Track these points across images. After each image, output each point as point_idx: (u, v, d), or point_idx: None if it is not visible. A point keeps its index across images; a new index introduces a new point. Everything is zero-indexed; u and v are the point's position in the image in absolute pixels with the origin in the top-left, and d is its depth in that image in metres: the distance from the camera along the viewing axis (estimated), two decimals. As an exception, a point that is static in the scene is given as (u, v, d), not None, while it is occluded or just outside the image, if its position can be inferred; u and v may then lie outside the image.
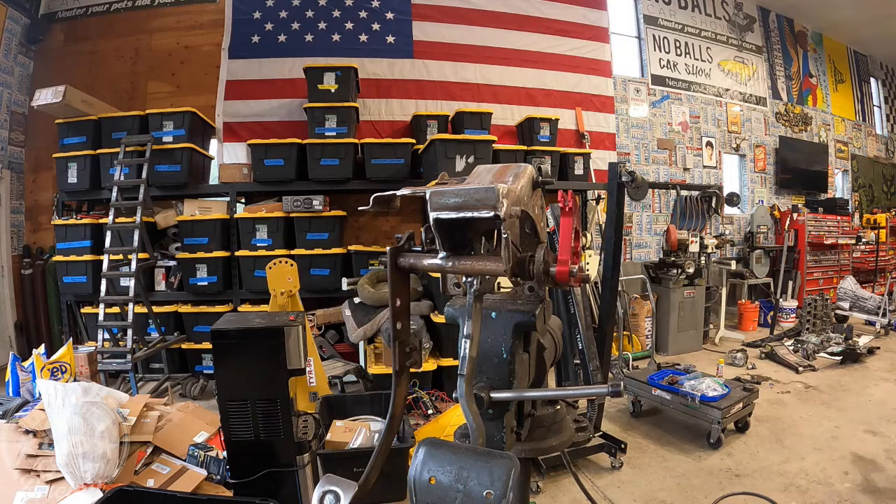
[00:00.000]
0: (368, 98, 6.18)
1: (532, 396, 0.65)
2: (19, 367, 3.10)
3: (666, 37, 7.91)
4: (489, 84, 6.57)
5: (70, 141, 5.28)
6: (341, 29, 6.27)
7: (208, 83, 6.02)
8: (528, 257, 0.57)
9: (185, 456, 2.55)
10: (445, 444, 0.57)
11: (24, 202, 6.05)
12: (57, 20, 6.23)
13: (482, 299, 0.61)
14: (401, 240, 0.62)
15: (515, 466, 0.52)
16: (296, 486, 2.33)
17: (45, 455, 2.30)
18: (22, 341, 5.69)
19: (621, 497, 2.96)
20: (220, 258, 5.12)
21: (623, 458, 3.34)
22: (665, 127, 7.85)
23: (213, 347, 2.26)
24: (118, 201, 4.69)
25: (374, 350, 4.57)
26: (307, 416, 2.68)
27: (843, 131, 10.27)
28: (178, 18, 6.28)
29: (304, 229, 5.22)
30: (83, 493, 2.12)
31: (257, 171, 5.28)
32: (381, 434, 0.62)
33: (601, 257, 3.70)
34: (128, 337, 4.35)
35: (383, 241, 5.93)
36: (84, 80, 5.66)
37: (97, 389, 2.41)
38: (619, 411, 4.24)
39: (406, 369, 0.62)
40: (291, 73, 5.97)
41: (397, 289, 0.60)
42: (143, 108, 5.51)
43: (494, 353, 0.63)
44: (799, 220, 8.18)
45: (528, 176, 0.60)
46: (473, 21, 6.60)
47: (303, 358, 2.36)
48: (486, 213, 0.52)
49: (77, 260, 5.08)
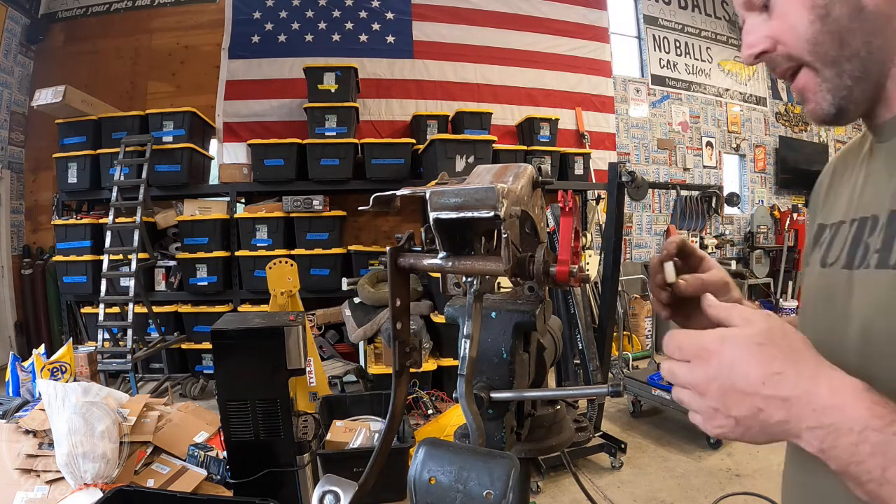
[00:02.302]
0: (368, 98, 6.17)
1: (532, 396, 0.65)
2: (19, 367, 3.10)
3: (666, 37, 7.91)
4: (489, 84, 6.56)
5: (70, 141, 5.28)
6: (341, 29, 6.27)
7: (208, 83, 6.02)
8: (528, 257, 0.57)
9: (185, 456, 2.55)
10: (445, 444, 0.57)
11: (24, 202, 6.05)
12: (57, 20, 6.23)
13: (482, 299, 0.61)
14: (401, 240, 0.62)
15: (515, 466, 0.52)
16: (296, 486, 2.33)
17: (45, 455, 2.30)
18: (22, 341, 5.69)
19: (621, 497, 2.96)
20: (220, 258, 5.13)
21: (623, 458, 3.34)
22: (665, 127, 7.85)
23: (213, 347, 2.26)
24: (118, 201, 4.69)
25: (374, 350, 4.57)
26: (307, 416, 2.68)
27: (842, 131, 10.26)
28: (178, 18, 6.28)
29: (304, 229, 5.22)
30: (83, 493, 2.12)
31: (257, 171, 5.28)
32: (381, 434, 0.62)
33: (601, 257, 3.70)
34: (128, 337, 4.35)
35: (383, 241, 5.93)
36: (84, 80, 5.66)
37: (97, 389, 2.41)
38: (619, 411, 4.24)
39: (406, 369, 0.62)
40: (291, 73, 5.96)
41: (397, 289, 0.60)
42: (143, 108, 5.51)
43: (494, 353, 0.63)
44: (799, 220, 8.17)
45: (528, 176, 0.60)
46: (473, 21, 6.60)
47: (303, 358, 2.36)
48: (486, 213, 0.52)
49: (77, 260, 5.08)
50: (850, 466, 0.48)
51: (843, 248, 0.69)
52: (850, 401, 0.49)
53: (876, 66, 0.62)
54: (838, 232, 0.72)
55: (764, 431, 0.52)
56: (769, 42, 0.67)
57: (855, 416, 0.48)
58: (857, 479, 0.48)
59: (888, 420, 0.47)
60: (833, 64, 0.62)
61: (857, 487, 0.49)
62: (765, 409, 0.51)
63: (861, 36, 0.61)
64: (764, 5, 0.67)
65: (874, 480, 0.47)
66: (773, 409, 0.51)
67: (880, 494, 0.47)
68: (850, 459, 0.48)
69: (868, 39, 0.61)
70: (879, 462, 0.47)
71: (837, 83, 0.63)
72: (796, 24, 0.63)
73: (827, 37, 0.61)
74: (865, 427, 0.47)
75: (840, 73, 0.63)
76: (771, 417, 0.51)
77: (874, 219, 0.65)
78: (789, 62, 0.66)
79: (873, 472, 0.47)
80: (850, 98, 0.64)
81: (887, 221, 0.62)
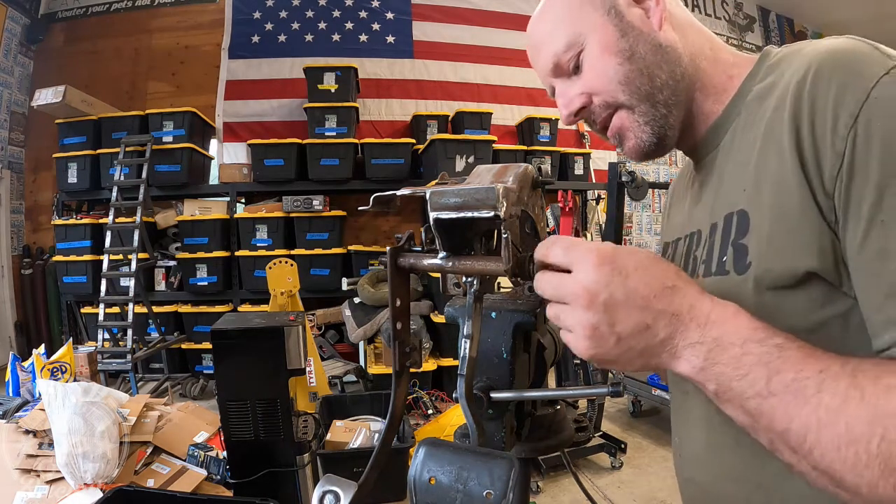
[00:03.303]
0: (368, 98, 6.17)
1: (532, 396, 0.65)
2: (19, 367, 3.10)
3: (666, 37, 7.90)
4: (489, 84, 6.56)
5: (70, 141, 5.28)
6: (341, 29, 6.27)
7: (208, 83, 6.02)
8: (528, 257, 0.57)
9: (185, 456, 2.54)
10: (445, 444, 0.57)
11: (24, 202, 6.05)
12: (57, 20, 6.23)
13: (482, 299, 0.61)
14: (401, 240, 0.62)
15: (515, 466, 0.52)
16: (296, 486, 2.33)
17: (45, 455, 2.30)
18: (22, 341, 5.69)
19: (621, 497, 2.96)
20: (220, 258, 5.12)
21: (623, 458, 3.35)
22: (665, 127, 7.84)
23: (213, 347, 2.26)
24: (118, 201, 4.69)
25: (374, 350, 4.57)
26: (307, 416, 2.68)
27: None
28: (178, 18, 6.28)
29: (304, 229, 5.22)
30: (83, 493, 2.12)
31: (257, 171, 5.28)
32: (381, 434, 0.62)
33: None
34: (128, 337, 4.35)
35: (383, 241, 5.93)
36: (84, 80, 5.65)
37: (97, 389, 2.40)
38: (619, 411, 4.24)
39: (406, 369, 0.62)
40: (291, 73, 5.96)
41: (397, 289, 0.60)
42: (143, 108, 5.50)
43: (494, 353, 0.63)
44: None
45: (528, 176, 0.60)
46: (473, 21, 6.60)
47: (303, 358, 2.36)
48: (487, 213, 0.52)
49: (77, 260, 5.07)
50: (732, 382, 0.48)
51: (680, 262, 0.75)
52: (731, 316, 0.50)
53: (684, 91, 0.69)
54: (676, 248, 0.79)
55: (643, 353, 0.51)
56: (584, 97, 0.71)
57: (737, 330, 0.49)
58: (741, 395, 0.48)
59: (768, 333, 0.48)
60: (647, 97, 0.68)
61: (737, 408, 0.49)
62: (652, 325, 0.50)
63: (666, 67, 0.68)
64: (575, 66, 0.70)
65: (759, 394, 0.47)
66: (661, 324, 0.50)
67: (762, 409, 0.47)
68: (734, 374, 0.48)
69: (672, 69, 0.68)
70: (763, 373, 0.47)
71: (654, 113, 0.68)
72: (606, 70, 0.68)
73: (637, 74, 0.67)
74: (747, 339, 0.48)
75: (654, 103, 0.68)
76: (657, 335, 0.50)
77: (698, 233, 0.72)
78: (607, 109, 0.70)
79: (757, 384, 0.47)
80: (667, 124, 0.69)
81: (708, 234, 0.68)
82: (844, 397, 0.44)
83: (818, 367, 0.46)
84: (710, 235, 0.67)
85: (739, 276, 0.59)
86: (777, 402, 0.46)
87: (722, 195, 0.66)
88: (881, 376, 0.45)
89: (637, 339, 0.50)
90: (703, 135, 0.72)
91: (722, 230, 0.64)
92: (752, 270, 0.58)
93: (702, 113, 0.71)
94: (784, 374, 0.46)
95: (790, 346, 0.48)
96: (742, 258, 0.59)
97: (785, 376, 0.46)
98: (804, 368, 0.46)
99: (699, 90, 0.70)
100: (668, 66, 0.68)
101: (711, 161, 0.71)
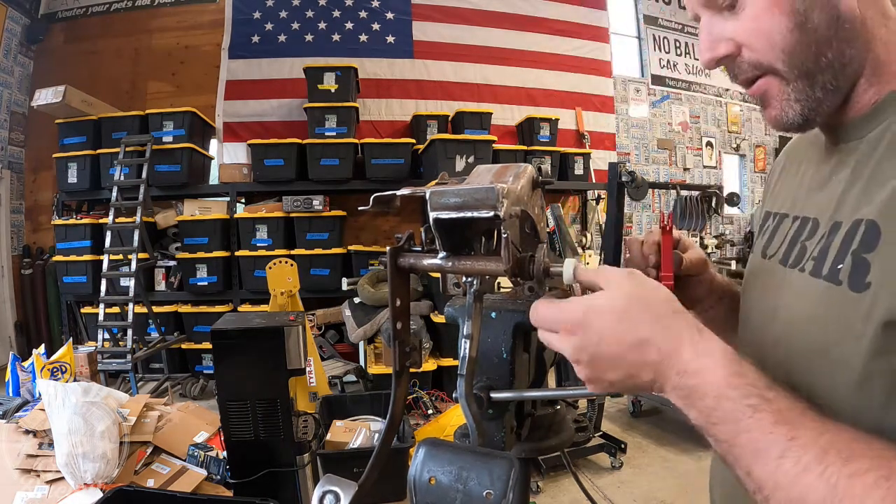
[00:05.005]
0: (368, 98, 6.17)
1: (532, 396, 0.65)
2: (19, 367, 3.09)
3: (666, 37, 7.90)
4: (489, 84, 6.56)
5: (70, 141, 5.28)
6: (341, 29, 6.27)
7: (208, 83, 6.02)
8: (528, 257, 0.57)
9: (185, 456, 2.54)
10: (445, 444, 0.57)
11: (24, 202, 6.05)
12: (57, 20, 6.23)
13: (482, 299, 0.61)
14: (401, 240, 0.62)
15: (515, 466, 0.52)
16: (296, 486, 2.33)
17: (45, 455, 2.30)
18: (22, 341, 5.69)
19: (621, 497, 2.96)
20: (220, 258, 5.12)
21: (623, 458, 3.35)
22: (665, 127, 7.85)
23: (213, 347, 2.26)
24: (118, 201, 4.69)
25: (374, 350, 4.57)
26: (307, 416, 2.68)
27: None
28: (178, 18, 6.28)
29: (304, 229, 5.22)
30: (83, 493, 2.12)
31: (257, 171, 5.28)
32: (381, 434, 0.62)
33: (601, 257, 3.70)
34: (128, 337, 4.35)
35: (383, 241, 5.93)
36: (84, 80, 5.65)
37: (97, 389, 2.40)
38: (619, 411, 4.24)
39: (406, 369, 0.62)
40: (291, 73, 5.96)
41: (397, 289, 0.60)
42: (143, 108, 5.50)
43: (494, 353, 0.63)
44: (799, 220, 8.16)
45: (528, 176, 0.60)
46: (473, 21, 6.60)
47: (303, 358, 2.36)
48: (486, 213, 0.52)
49: (77, 260, 5.08)
50: (707, 426, 0.52)
51: (782, 242, 0.70)
52: (711, 366, 0.51)
53: (847, 78, 0.60)
54: (781, 224, 0.73)
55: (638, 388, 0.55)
56: (732, 45, 0.62)
57: (713, 382, 0.50)
58: (714, 437, 0.52)
59: (743, 392, 0.49)
60: (807, 75, 0.59)
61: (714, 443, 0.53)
62: (636, 374, 0.53)
63: (836, 45, 0.58)
64: (730, 5, 0.61)
65: (726, 442, 0.50)
66: (643, 372, 0.53)
67: (731, 453, 0.51)
68: (707, 421, 0.51)
69: (842, 49, 0.58)
70: (731, 429, 0.49)
71: (809, 94, 0.60)
72: (771, 30, 0.58)
73: (804, 47, 0.58)
74: (720, 395, 0.50)
75: (812, 84, 0.59)
76: (641, 380, 0.53)
77: (815, 222, 0.64)
78: (756, 70, 0.61)
79: (726, 434, 0.50)
80: (819, 110, 0.61)
81: (828, 231, 0.60)
82: (805, 468, 0.45)
83: (789, 434, 0.47)
84: (830, 234, 0.59)
85: (854, 292, 0.53)
86: (740, 453, 0.49)
87: (854, 195, 0.58)
88: (853, 459, 0.44)
89: (626, 383, 0.54)
90: (850, 119, 0.62)
91: (845, 234, 0.57)
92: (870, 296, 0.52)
93: (857, 97, 0.61)
94: (751, 433, 0.48)
95: (766, 408, 0.48)
96: (861, 275, 0.53)
97: (752, 436, 0.48)
98: (773, 432, 0.47)
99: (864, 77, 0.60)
100: (839, 44, 0.58)
101: (851, 150, 0.62)
